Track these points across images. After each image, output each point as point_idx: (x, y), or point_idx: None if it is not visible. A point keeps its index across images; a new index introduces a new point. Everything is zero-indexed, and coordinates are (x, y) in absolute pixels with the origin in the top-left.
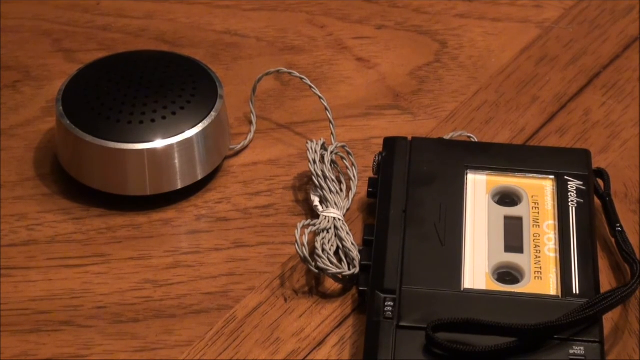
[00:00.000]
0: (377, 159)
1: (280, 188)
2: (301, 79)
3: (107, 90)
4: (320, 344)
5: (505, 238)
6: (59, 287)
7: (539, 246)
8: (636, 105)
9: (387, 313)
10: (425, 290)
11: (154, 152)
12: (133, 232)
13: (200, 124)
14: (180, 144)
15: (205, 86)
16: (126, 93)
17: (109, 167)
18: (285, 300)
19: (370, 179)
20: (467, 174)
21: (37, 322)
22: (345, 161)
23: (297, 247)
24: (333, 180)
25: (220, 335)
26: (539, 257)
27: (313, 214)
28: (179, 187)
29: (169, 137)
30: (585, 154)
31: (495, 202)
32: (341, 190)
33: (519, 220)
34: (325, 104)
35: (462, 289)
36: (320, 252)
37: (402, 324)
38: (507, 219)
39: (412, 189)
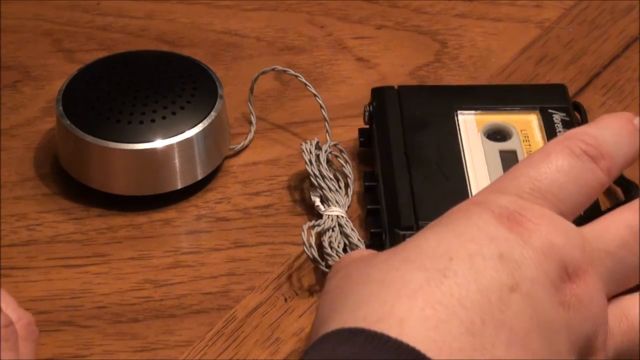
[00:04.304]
0: (367, 109)
1: (280, 188)
2: (296, 76)
3: (107, 90)
4: None
5: (504, 170)
6: (59, 287)
7: None
8: (636, 105)
9: None
10: None
11: (154, 152)
12: (133, 232)
13: (200, 124)
14: (180, 144)
15: (205, 86)
16: (126, 93)
17: (109, 167)
18: (285, 300)
19: (361, 130)
20: (457, 115)
21: (37, 322)
22: (339, 159)
23: (305, 249)
24: (331, 179)
25: (220, 335)
26: None
27: (314, 213)
28: (179, 187)
29: (169, 137)
30: (562, 88)
31: (488, 139)
32: (340, 187)
33: (513, 153)
34: (320, 102)
35: None
36: (329, 250)
37: None
38: (503, 153)
39: (408, 134)
